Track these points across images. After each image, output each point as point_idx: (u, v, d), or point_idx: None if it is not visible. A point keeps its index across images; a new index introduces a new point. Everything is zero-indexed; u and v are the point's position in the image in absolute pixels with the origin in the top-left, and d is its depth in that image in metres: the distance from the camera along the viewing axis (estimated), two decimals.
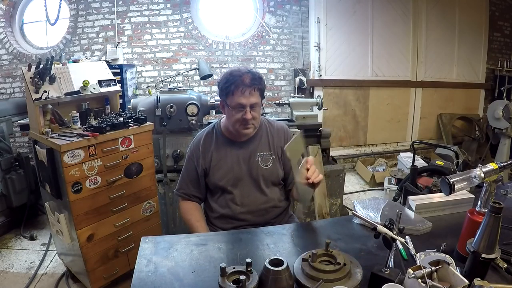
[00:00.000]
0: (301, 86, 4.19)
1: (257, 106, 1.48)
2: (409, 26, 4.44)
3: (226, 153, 1.57)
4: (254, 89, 1.45)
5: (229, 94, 1.46)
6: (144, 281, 1.04)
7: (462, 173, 1.11)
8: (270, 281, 0.88)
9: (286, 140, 1.61)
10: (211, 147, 1.58)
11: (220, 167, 1.56)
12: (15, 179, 2.78)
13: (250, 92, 1.44)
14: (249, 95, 1.44)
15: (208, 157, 1.57)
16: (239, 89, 1.43)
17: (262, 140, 1.60)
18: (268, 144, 1.60)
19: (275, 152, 1.59)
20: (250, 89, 1.44)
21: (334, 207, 2.92)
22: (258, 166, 1.55)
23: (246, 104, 1.44)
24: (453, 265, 0.92)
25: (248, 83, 1.44)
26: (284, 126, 1.68)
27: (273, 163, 1.58)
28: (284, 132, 1.64)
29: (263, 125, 1.63)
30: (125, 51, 3.97)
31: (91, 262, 1.99)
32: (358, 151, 4.67)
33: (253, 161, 1.56)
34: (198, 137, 1.64)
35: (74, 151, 1.80)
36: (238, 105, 1.45)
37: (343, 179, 2.89)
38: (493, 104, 4.34)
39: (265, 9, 4.19)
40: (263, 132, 1.61)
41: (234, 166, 1.55)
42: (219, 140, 1.59)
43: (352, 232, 1.32)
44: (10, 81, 3.98)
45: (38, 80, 1.87)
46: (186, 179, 1.63)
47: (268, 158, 1.58)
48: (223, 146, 1.58)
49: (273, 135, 1.62)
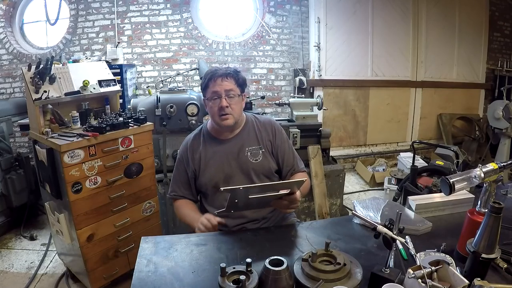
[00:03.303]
0: (301, 86, 4.19)
1: (234, 95, 1.50)
2: (409, 26, 4.44)
3: (214, 152, 1.57)
4: (226, 77, 1.50)
5: (206, 89, 1.53)
6: (144, 281, 1.04)
7: (462, 173, 1.11)
8: (270, 281, 0.88)
9: (274, 133, 1.62)
10: (199, 148, 1.58)
11: (210, 166, 1.55)
12: (15, 179, 2.77)
13: (222, 80, 1.49)
14: (221, 82, 1.48)
15: (197, 158, 1.57)
16: (212, 79, 1.50)
17: (250, 135, 1.60)
18: (256, 138, 1.60)
19: (264, 145, 1.59)
20: (222, 77, 1.49)
21: (334, 207, 2.92)
22: (247, 161, 1.55)
23: (220, 91, 1.48)
24: (453, 265, 0.92)
25: (220, 73, 1.50)
26: (271, 120, 1.68)
27: (263, 157, 1.57)
28: (271, 126, 1.64)
29: (249, 120, 1.64)
30: (125, 51, 3.97)
31: (91, 262, 1.99)
32: (358, 151, 4.67)
33: (242, 157, 1.55)
34: (186, 139, 1.65)
35: (74, 151, 1.80)
36: (213, 93, 1.49)
37: (343, 179, 2.89)
38: (493, 104, 4.34)
39: (265, 9, 4.19)
40: (250, 127, 1.62)
41: (224, 163, 1.55)
42: (206, 140, 1.60)
43: (352, 232, 1.32)
44: (10, 81, 3.98)
45: (38, 80, 1.87)
46: (178, 181, 1.63)
47: (257, 152, 1.57)
48: (211, 146, 1.58)
49: (260, 129, 1.62)
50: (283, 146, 1.62)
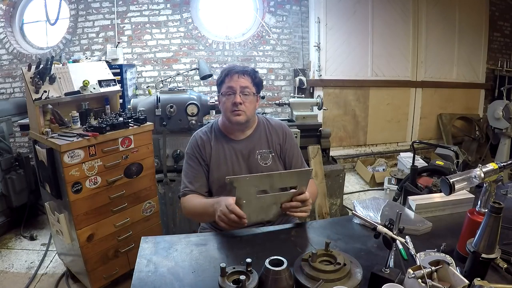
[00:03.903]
0: (301, 86, 4.19)
1: (249, 93, 1.50)
2: (409, 26, 4.44)
3: (224, 150, 1.56)
4: (244, 74, 1.50)
5: (222, 84, 1.52)
6: (144, 281, 1.03)
7: (462, 173, 1.11)
8: (270, 281, 0.88)
9: (284, 138, 1.61)
10: (210, 143, 1.57)
11: (220, 165, 1.54)
12: (15, 179, 2.78)
13: (239, 76, 1.49)
14: (238, 79, 1.48)
15: (208, 152, 1.55)
16: (229, 75, 1.50)
17: (261, 137, 1.59)
18: (267, 141, 1.59)
19: (274, 149, 1.59)
20: (239, 73, 1.49)
21: (334, 207, 2.92)
22: (257, 164, 1.55)
23: (235, 87, 1.48)
24: (453, 265, 0.92)
25: (237, 70, 1.51)
26: (283, 124, 1.67)
27: (273, 161, 1.57)
28: (282, 130, 1.63)
29: (261, 123, 1.63)
30: (125, 51, 3.97)
31: (91, 262, 1.99)
32: (358, 151, 4.67)
33: (252, 159, 1.55)
34: (195, 135, 1.61)
35: (74, 151, 1.80)
36: (228, 88, 1.49)
37: (343, 179, 2.89)
38: (493, 104, 4.35)
39: (265, 9, 4.19)
40: (262, 129, 1.61)
41: (234, 164, 1.54)
42: (217, 136, 1.59)
43: (352, 232, 1.32)
44: (10, 81, 3.98)
45: (38, 80, 1.87)
46: (190, 176, 1.54)
47: (267, 155, 1.57)
48: (222, 143, 1.57)
49: (271, 133, 1.61)
50: (292, 151, 1.62)
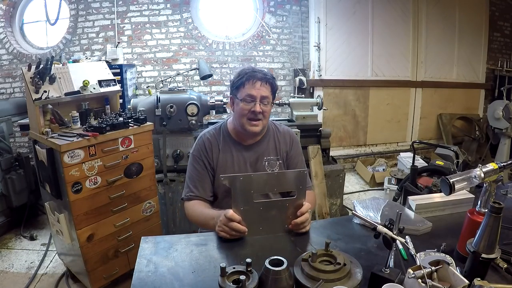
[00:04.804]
0: (301, 86, 4.19)
1: (267, 103, 1.46)
2: (409, 26, 4.45)
3: (232, 155, 1.53)
4: (265, 82, 1.45)
5: (240, 87, 1.46)
6: (144, 281, 1.03)
7: (462, 173, 1.11)
8: (270, 281, 0.88)
9: (291, 144, 1.59)
10: (218, 146, 1.53)
11: (226, 169, 1.51)
12: (15, 179, 2.78)
13: (261, 84, 1.44)
14: (260, 87, 1.44)
15: (215, 156, 1.52)
16: (250, 81, 1.44)
17: (270, 144, 1.57)
18: (275, 148, 1.58)
19: (281, 156, 1.57)
20: (261, 81, 1.44)
21: (334, 207, 2.92)
22: (264, 171, 1.52)
23: (256, 96, 1.43)
24: (453, 265, 0.92)
25: (259, 76, 1.45)
26: (290, 130, 1.65)
27: (280, 168, 1.56)
28: (290, 136, 1.62)
29: (270, 128, 1.61)
30: (125, 51, 3.97)
31: (91, 262, 1.99)
32: (358, 151, 4.67)
33: (260, 166, 1.53)
34: (202, 136, 1.57)
35: (74, 151, 1.80)
36: (248, 96, 1.43)
37: (343, 179, 2.89)
38: (493, 104, 4.35)
39: (265, 9, 4.19)
40: (270, 136, 1.59)
41: (241, 169, 1.52)
42: (226, 140, 1.55)
43: (352, 232, 1.32)
44: (10, 81, 3.98)
45: (38, 80, 1.87)
46: (194, 181, 1.51)
47: (274, 163, 1.56)
48: (230, 147, 1.54)
49: (279, 140, 1.59)
50: (296, 158, 1.61)
